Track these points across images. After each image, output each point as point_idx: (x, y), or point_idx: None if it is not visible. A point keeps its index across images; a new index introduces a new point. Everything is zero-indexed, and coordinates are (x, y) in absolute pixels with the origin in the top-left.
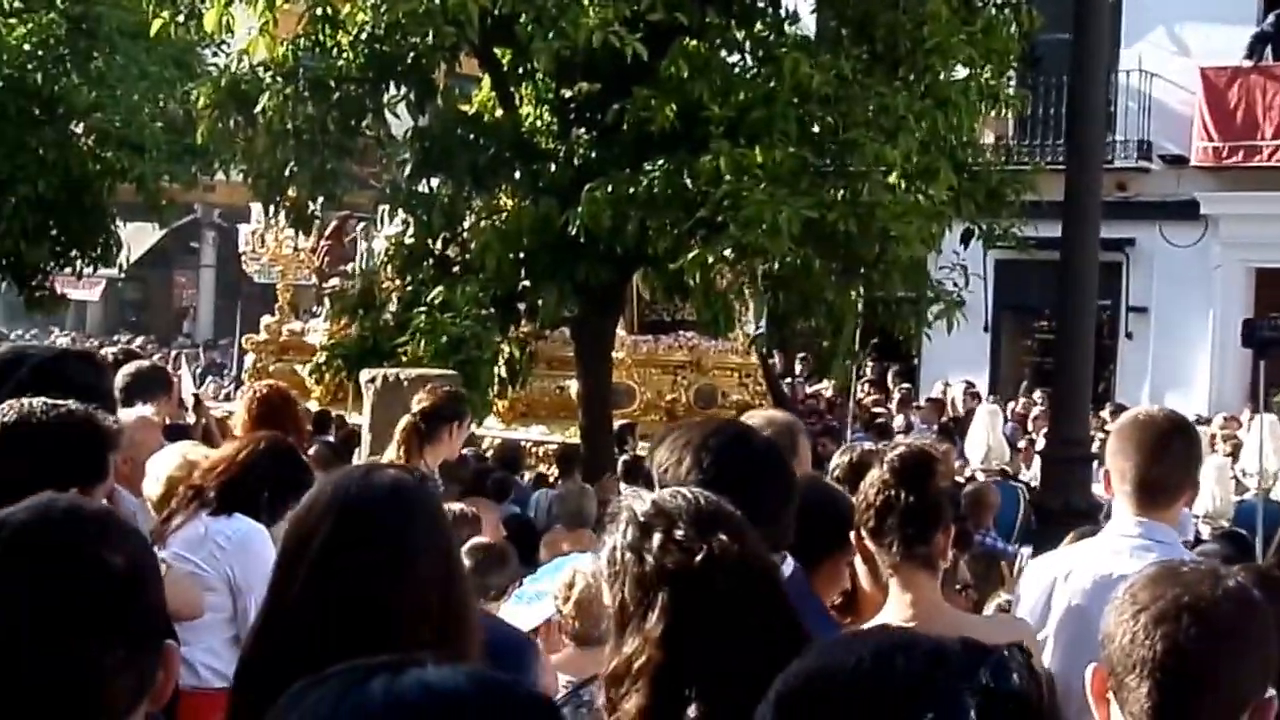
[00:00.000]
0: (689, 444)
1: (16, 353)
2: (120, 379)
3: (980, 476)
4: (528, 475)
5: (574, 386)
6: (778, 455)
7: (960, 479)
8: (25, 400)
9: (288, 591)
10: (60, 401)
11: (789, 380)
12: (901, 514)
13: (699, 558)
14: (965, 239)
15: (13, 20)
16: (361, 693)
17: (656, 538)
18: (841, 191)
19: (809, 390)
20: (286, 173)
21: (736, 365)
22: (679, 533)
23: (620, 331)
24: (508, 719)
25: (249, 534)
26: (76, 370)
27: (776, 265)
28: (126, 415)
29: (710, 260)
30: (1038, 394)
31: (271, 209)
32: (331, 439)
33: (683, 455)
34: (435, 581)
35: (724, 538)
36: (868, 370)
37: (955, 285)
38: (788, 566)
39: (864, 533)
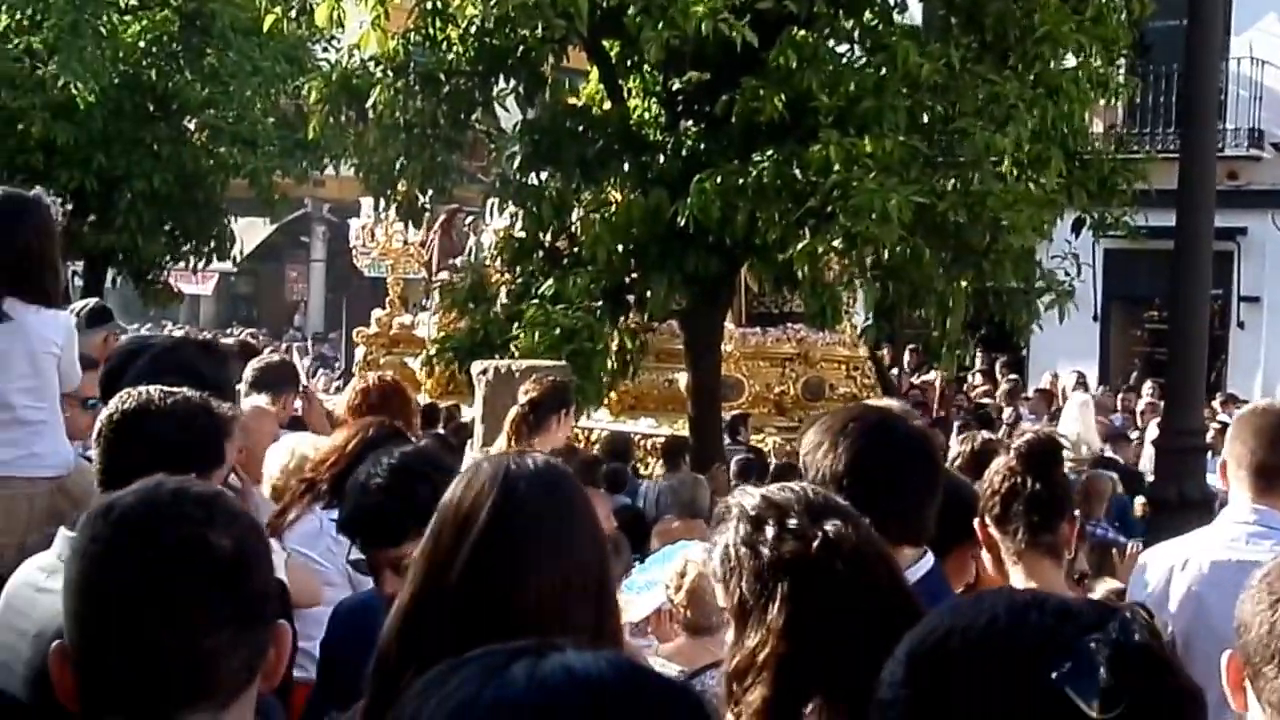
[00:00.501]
0: (831, 429)
1: (137, 343)
2: (249, 371)
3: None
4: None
5: (682, 379)
6: (922, 445)
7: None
8: (143, 388)
9: (445, 574)
10: (177, 389)
11: (896, 372)
12: (1027, 501)
13: (815, 544)
14: (1076, 228)
15: (128, 18)
16: (503, 677)
17: (770, 530)
18: (952, 180)
19: (916, 382)
20: (397, 166)
21: (845, 357)
22: (792, 522)
23: (728, 324)
24: (649, 705)
25: None
26: (195, 359)
27: (886, 255)
28: (246, 404)
29: (819, 250)
30: (1148, 384)
31: (382, 203)
32: (441, 432)
33: (823, 439)
34: (594, 563)
35: (838, 523)
36: (976, 361)
37: (1066, 274)
38: (927, 561)
39: (988, 520)
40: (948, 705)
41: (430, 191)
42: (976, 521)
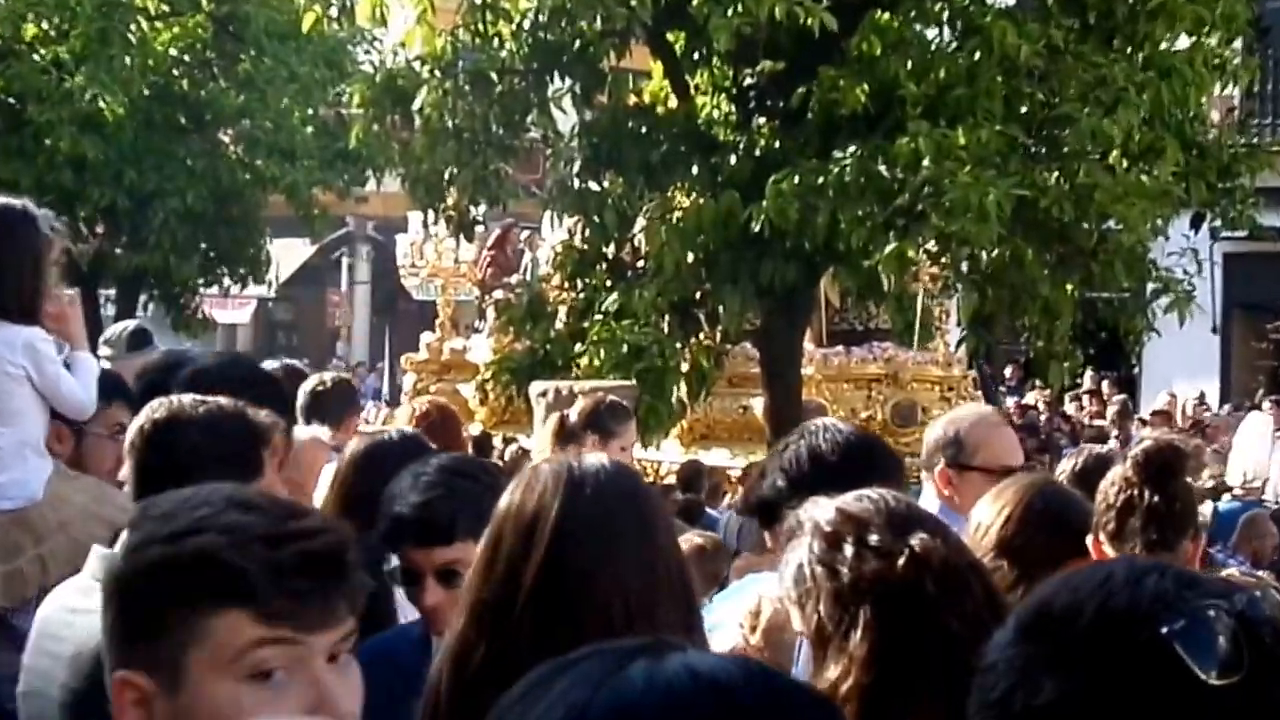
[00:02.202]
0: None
1: (177, 357)
2: (302, 396)
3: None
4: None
5: (758, 405)
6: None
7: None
8: (176, 397)
9: (516, 579)
10: (210, 397)
11: (998, 389)
12: (1145, 515)
13: (901, 562)
14: (1195, 223)
15: (158, 25)
16: (619, 679)
17: (848, 547)
18: (1055, 173)
19: (1020, 402)
20: (446, 176)
21: (938, 378)
22: (873, 538)
23: (808, 345)
24: (784, 710)
25: None
26: (238, 371)
27: (983, 257)
28: (298, 435)
29: (908, 254)
30: (1267, 404)
31: (430, 216)
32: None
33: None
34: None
35: (924, 536)
36: (1084, 379)
37: (1186, 273)
38: None
39: (1102, 536)
40: (1053, 663)
41: (482, 203)
42: (1090, 538)
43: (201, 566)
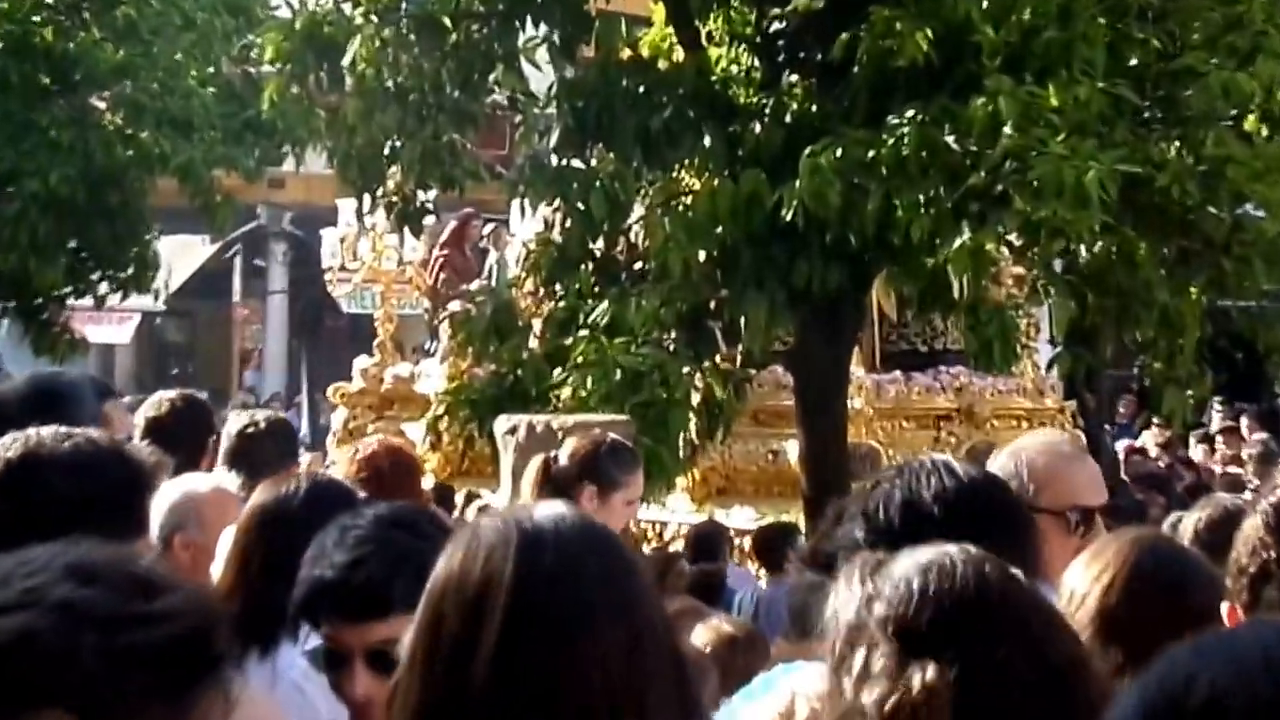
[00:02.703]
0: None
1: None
2: (227, 439)
3: None
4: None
5: (792, 450)
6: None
7: None
8: (36, 430)
9: (463, 668)
10: (79, 430)
11: (1105, 426)
12: None
13: (911, 696)
14: None
15: None
16: None
17: (857, 657)
18: (1175, 143)
19: (1133, 444)
20: (386, 150)
21: (1026, 411)
22: (878, 658)
23: (856, 370)
24: None
25: None
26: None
27: (1083, 252)
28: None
29: (985, 248)
30: None
31: (366, 204)
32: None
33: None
34: (662, 621)
35: (934, 671)
36: (1214, 415)
37: None
38: None
39: (1237, 606)
40: None
41: (433, 187)
42: (1225, 607)
43: (18, 654)
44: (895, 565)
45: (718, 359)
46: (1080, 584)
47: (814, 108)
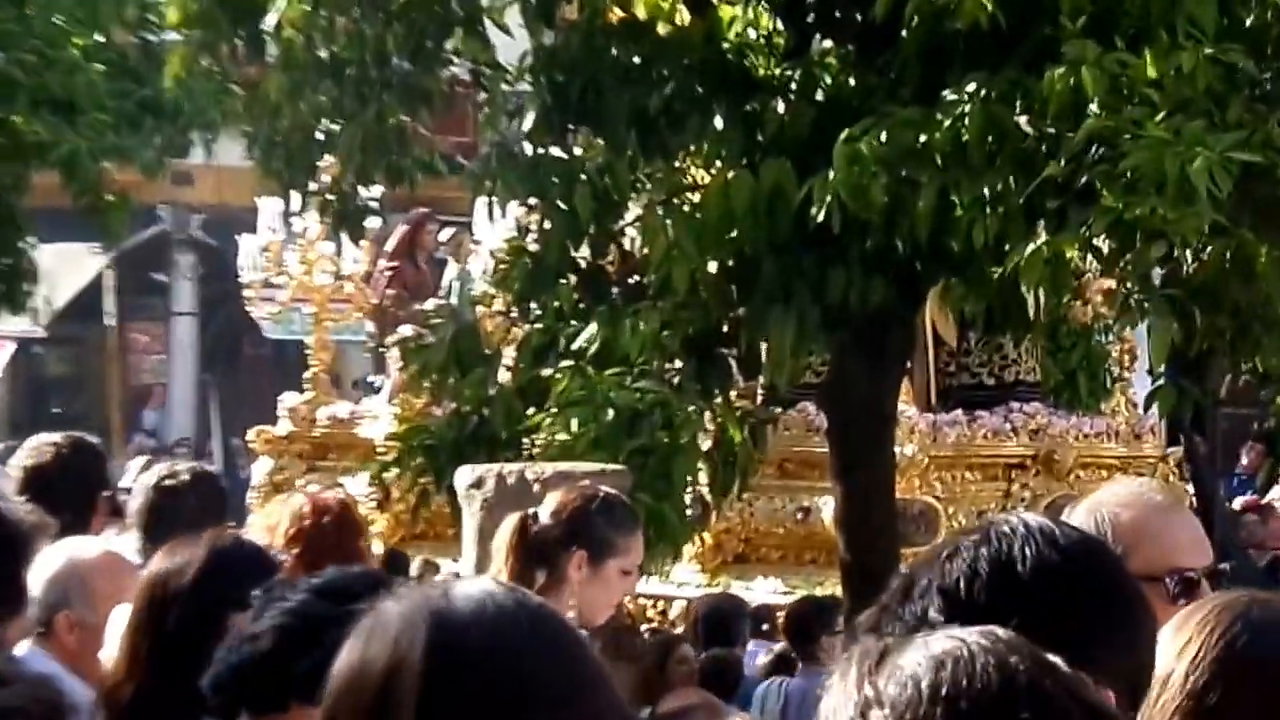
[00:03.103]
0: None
1: None
2: (141, 495)
3: None
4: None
5: (826, 508)
6: None
7: None
8: None
9: None
10: None
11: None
12: None
13: None
14: None
15: None
16: None
17: None
18: None
19: (1254, 499)
20: (320, 136)
21: (1118, 460)
22: None
23: (906, 408)
24: None
25: None
26: None
27: (1189, 259)
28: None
29: (1067, 256)
30: None
31: (295, 203)
32: None
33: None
34: None
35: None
36: None
37: None
38: None
39: None
40: None
41: (378, 181)
42: None
43: None
44: (902, 658)
45: (733, 395)
46: (1164, 662)
47: (852, 81)
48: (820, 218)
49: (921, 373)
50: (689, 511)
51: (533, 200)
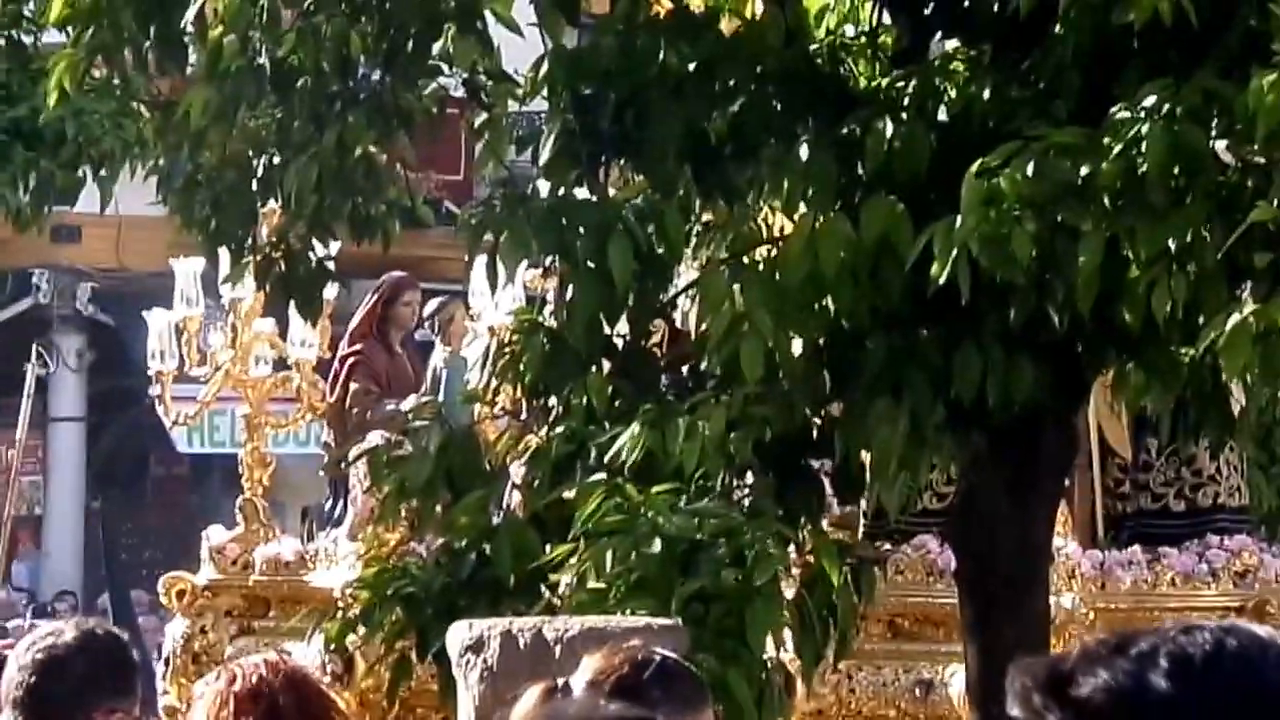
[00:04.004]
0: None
1: None
2: (15, 668)
3: None
4: None
5: (956, 680)
6: None
7: None
8: None
9: None
10: None
11: None
12: None
13: None
14: None
15: None
16: None
17: None
18: None
19: None
20: (259, 173)
21: None
22: None
23: (1065, 543)
24: None
25: None
26: None
27: None
28: None
29: None
30: None
31: (224, 265)
32: None
33: None
34: None
35: None
36: None
37: None
38: None
39: None
40: None
41: (336, 236)
42: None
43: None
44: None
45: (826, 522)
46: None
47: (986, 94)
48: (942, 279)
49: (1085, 495)
50: (769, 682)
51: (551, 259)
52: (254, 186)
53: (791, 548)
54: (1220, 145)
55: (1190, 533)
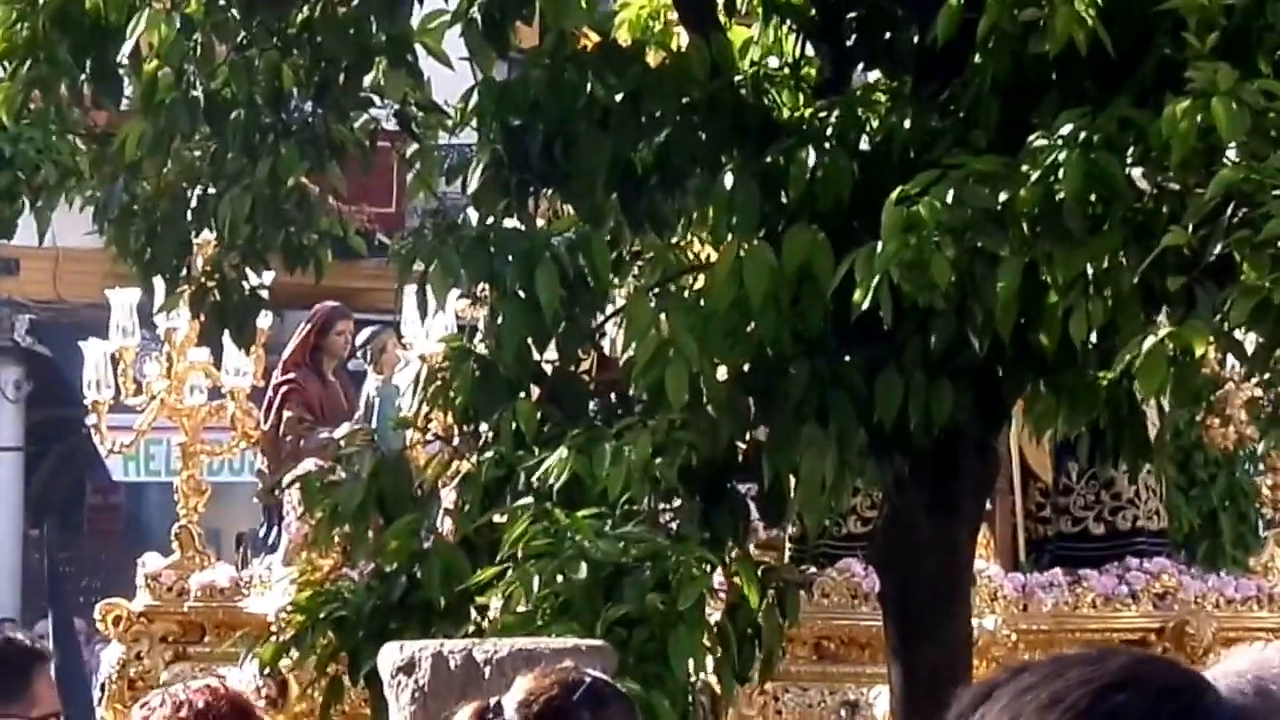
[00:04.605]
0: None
1: None
2: None
3: None
4: None
5: (880, 702)
6: None
7: None
8: None
9: None
10: None
11: None
12: None
13: None
14: None
15: None
16: None
17: None
18: None
19: None
20: (193, 203)
21: (1272, 631)
22: None
23: (986, 565)
24: None
25: None
26: None
27: None
28: None
29: (1196, 351)
30: None
31: (158, 295)
32: None
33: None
34: None
35: None
36: None
37: None
38: None
39: None
40: None
41: (269, 266)
42: None
43: None
44: None
45: (751, 546)
46: None
47: (906, 123)
48: (864, 304)
49: (1006, 518)
50: (692, 703)
51: (481, 287)
52: (188, 216)
53: (717, 573)
54: (1136, 172)
55: (1110, 555)
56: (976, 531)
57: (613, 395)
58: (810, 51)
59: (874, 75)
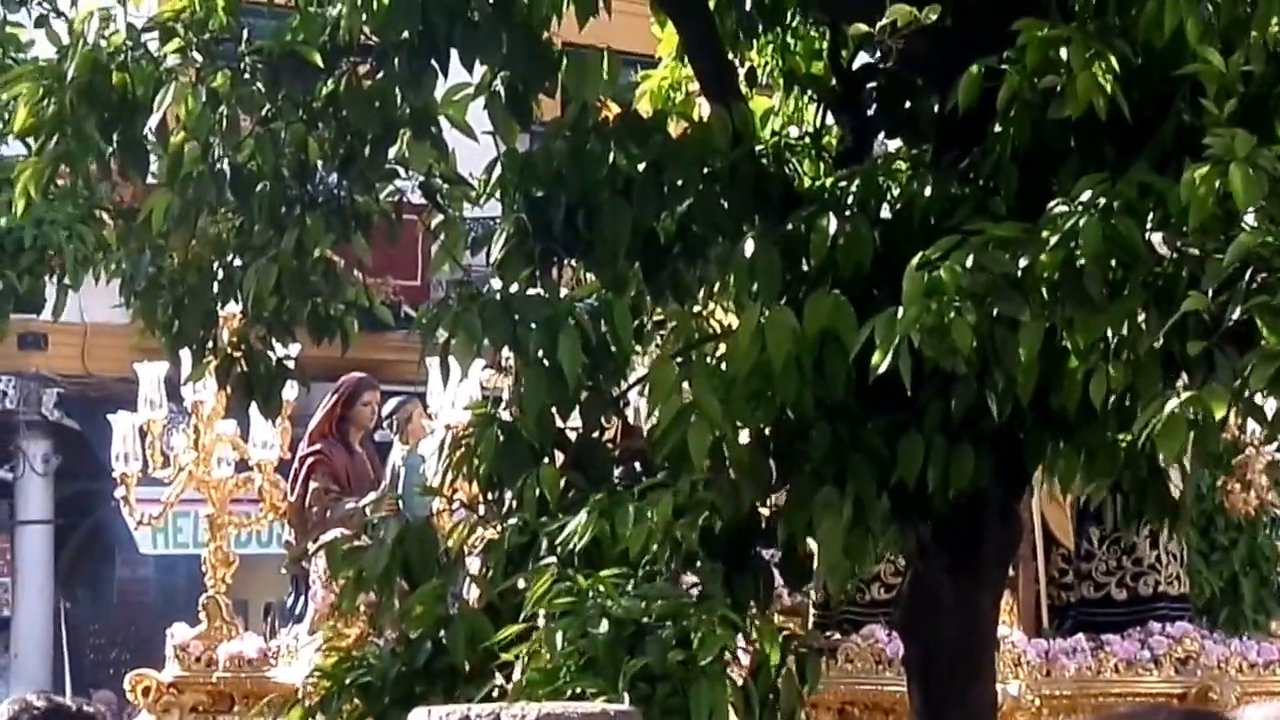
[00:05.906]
0: None
1: None
2: None
3: None
4: None
5: None
6: None
7: None
8: None
9: None
10: None
11: None
12: None
13: None
14: None
15: None
16: None
17: None
18: None
19: None
20: (219, 276)
21: None
22: None
23: (1010, 631)
24: None
25: None
26: None
27: None
28: None
29: (1215, 415)
30: None
31: (185, 368)
32: None
33: None
34: None
35: None
36: None
37: None
38: None
39: None
40: None
41: (293, 338)
42: None
43: None
44: None
45: (776, 611)
46: None
47: (927, 190)
48: (885, 369)
49: (1029, 583)
50: None
51: (505, 355)
52: (215, 289)
53: (740, 636)
54: (1156, 237)
55: (1132, 620)
56: (999, 597)
57: (637, 464)
58: (831, 121)
59: (894, 144)
